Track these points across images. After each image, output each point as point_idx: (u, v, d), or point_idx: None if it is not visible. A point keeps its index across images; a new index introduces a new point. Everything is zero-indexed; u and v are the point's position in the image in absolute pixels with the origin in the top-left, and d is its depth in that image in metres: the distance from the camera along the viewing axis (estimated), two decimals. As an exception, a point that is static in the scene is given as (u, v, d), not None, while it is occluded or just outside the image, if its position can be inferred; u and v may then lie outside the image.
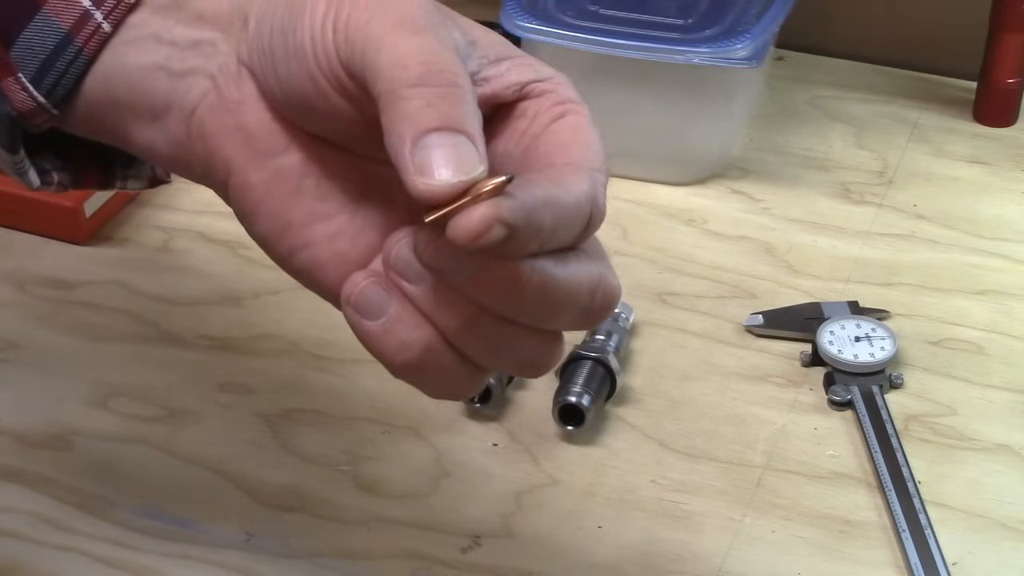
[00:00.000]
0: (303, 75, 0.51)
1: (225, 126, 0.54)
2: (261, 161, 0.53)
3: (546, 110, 0.52)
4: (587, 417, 0.76)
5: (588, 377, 0.77)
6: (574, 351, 0.78)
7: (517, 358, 0.52)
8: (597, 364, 0.77)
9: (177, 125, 0.55)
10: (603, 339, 0.79)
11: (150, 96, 0.54)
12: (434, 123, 0.47)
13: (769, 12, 0.93)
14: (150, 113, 0.55)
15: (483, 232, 0.46)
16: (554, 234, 0.48)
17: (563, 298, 0.50)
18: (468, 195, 0.46)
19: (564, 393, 0.76)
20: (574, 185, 0.49)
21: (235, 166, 0.54)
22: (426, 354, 0.51)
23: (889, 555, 0.71)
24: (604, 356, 0.77)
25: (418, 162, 0.47)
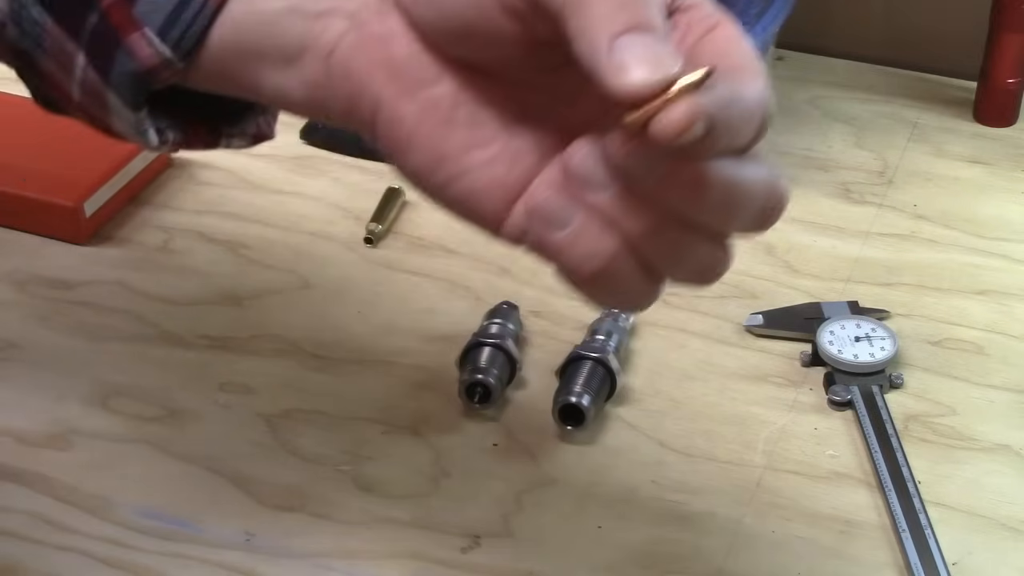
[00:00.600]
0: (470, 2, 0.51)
1: (371, 62, 0.53)
2: (412, 93, 0.53)
3: (698, 21, 0.51)
4: (587, 417, 0.76)
5: (588, 377, 0.77)
6: (574, 351, 0.78)
7: (696, 264, 0.51)
8: (597, 364, 0.77)
9: (314, 67, 0.54)
10: (603, 339, 0.79)
11: (283, 40, 0.54)
12: (627, 23, 0.47)
13: (769, 12, 0.93)
14: (283, 58, 0.54)
15: (687, 128, 0.45)
16: (739, 132, 0.48)
17: (745, 199, 0.50)
18: (668, 92, 0.46)
19: (564, 393, 0.76)
20: (752, 85, 0.49)
21: (384, 101, 0.53)
22: (612, 263, 0.50)
23: (889, 555, 0.71)
24: (604, 356, 0.77)
25: (616, 63, 0.46)
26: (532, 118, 0.53)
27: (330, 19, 0.53)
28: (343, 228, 0.92)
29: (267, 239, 0.91)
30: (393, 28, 0.53)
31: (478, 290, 0.87)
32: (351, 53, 0.53)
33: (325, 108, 0.55)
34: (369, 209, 0.93)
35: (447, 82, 0.53)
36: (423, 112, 0.53)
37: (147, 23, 0.54)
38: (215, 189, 0.96)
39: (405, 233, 0.92)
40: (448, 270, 0.89)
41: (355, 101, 0.54)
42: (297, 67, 0.54)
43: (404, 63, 0.53)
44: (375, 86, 0.53)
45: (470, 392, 0.78)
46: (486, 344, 0.78)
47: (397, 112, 0.53)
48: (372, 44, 0.53)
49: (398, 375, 0.81)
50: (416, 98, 0.53)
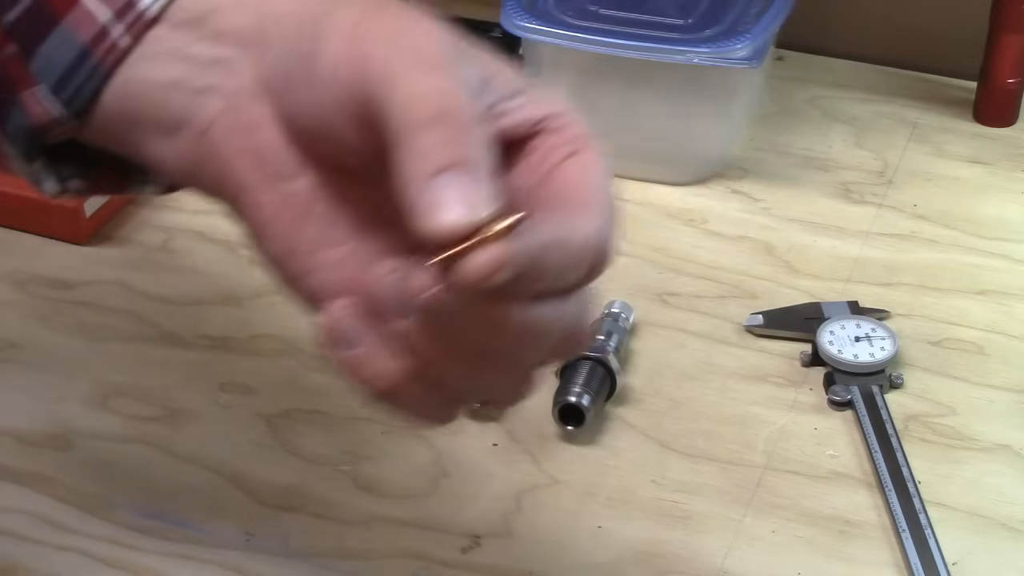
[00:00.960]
0: (321, 104, 0.51)
1: (239, 147, 0.53)
2: (272, 184, 0.53)
3: (558, 147, 0.51)
4: (587, 417, 0.76)
5: (588, 377, 0.77)
6: None
7: (493, 391, 0.52)
8: (597, 364, 0.77)
9: (190, 142, 0.55)
10: (603, 339, 0.79)
11: (166, 112, 0.54)
12: (445, 162, 0.46)
13: (769, 12, 0.93)
14: (165, 128, 0.55)
15: (492, 274, 0.45)
16: (560, 277, 0.48)
17: (541, 340, 0.50)
18: (477, 235, 0.45)
19: (564, 393, 0.76)
20: (582, 228, 0.49)
21: (246, 187, 0.54)
22: (401, 385, 0.51)
23: (889, 555, 0.71)
24: (604, 356, 0.77)
25: (428, 201, 0.46)
26: (389, 222, 0.52)
27: (209, 97, 0.54)
28: (343, 228, 0.92)
29: (267, 239, 0.91)
30: (262, 117, 0.53)
31: (478, 290, 0.87)
32: (222, 135, 0.54)
33: (199, 182, 0.55)
34: (369, 209, 0.92)
35: (307, 178, 0.53)
36: (282, 204, 0.53)
37: (41, 79, 0.54)
38: (215, 189, 0.96)
39: (405, 233, 0.92)
40: (448, 270, 0.89)
41: (222, 182, 0.54)
42: (176, 139, 0.55)
43: (268, 153, 0.53)
44: (239, 171, 0.53)
45: (470, 392, 0.78)
46: (486, 344, 0.78)
47: (258, 200, 0.53)
48: (241, 129, 0.53)
49: (398, 375, 0.81)
50: (275, 189, 0.53)
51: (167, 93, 0.54)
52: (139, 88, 0.54)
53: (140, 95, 0.55)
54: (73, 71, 0.54)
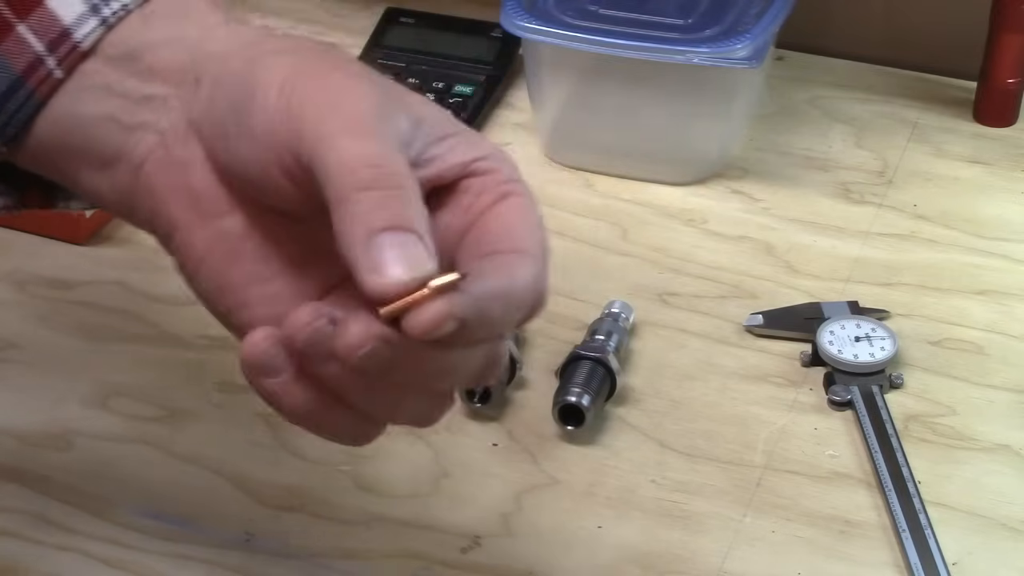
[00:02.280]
0: (252, 155, 0.52)
1: (171, 184, 0.55)
2: (204, 221, 0.54)
3: (490, 189, 0.53)
4: (587, 417, 0.76)
5: (588, 377, 0.77)
6: (574, 351, 0.78)
7: (412, 415, 0.54)
8: (597, 364, 0.77)
9: (124, 176, 0.55)
10: (603, 339, 0.79)
11: (100, 145, 0.55)
12: (384, 224, 0.49)
13: (769, 12, 0.93)
14: (99, 161, 0.55)
15: (437, 327, 0.48)
16: (500, 325, 0.51)
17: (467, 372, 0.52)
18: (421, 290, 0.48)
19: (564, 393, 0.76)
20: (522, 277, 0.51)
21: (179, 223, 0.55)
22: (318, 412, 0.52)
23: (889, 555, 0.71)
24: (604, 356, 0.77)
25: (371, 261, 0.48)
26: (320, 258, 0.54)
27: (143, 133, 0.55)
28: (343, 228, 0.92)
29: (267, 239, 0.91)
30: (194, 156, 0.54)
31: (478, 290, 0.87)
32: (155, 171, 0.55)
33: (133, 215, 0.57)
34: (369, 209, 0.92)
35: (238, 216, 0.54)
36: (213, 241, 0.54)
37: None
38: (215, 189, 0.96)
39: (405, 233, 0.92)
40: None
41: (155, 217, 0.55)
42: (110, 172, 0.56)
43: (200, 192, 0.54)
44: (172, 208, 0.55)
45: (470, 392, 0.78)
46: (486, 344, 0.78)
47: (190, 237, 0.55)
48: (174, 167, 0.54)
49: (398, 375, 0.81)
50: (208, 226, 0.54)
51: (100, 127, 0.55)
52: (72, 121, 0.55)
53: (73, 128, 0.55)
54: (6, 99, 0.55)
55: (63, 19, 0.55)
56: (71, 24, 0.55)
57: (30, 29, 0.55)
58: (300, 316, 0.51)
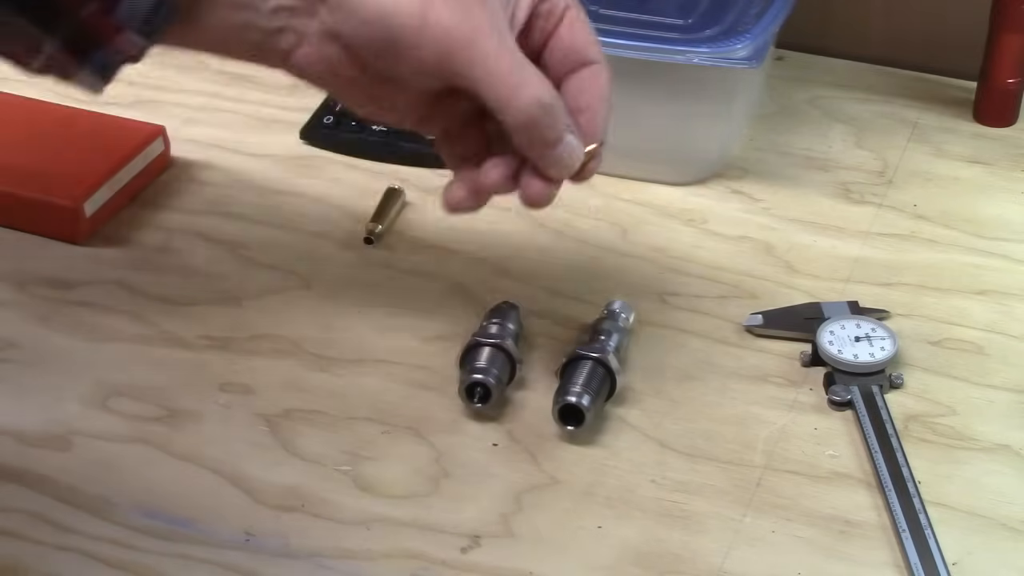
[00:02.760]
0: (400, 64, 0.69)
1: (322, 71, 0.71)
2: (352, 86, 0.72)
3: (556, 12, 0.73)
4: (587, 417, 0.76)
5: (588, 377, 0.77)
6: (574, 351, 0.78)
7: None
8: (597, 364, 0.77)
9: (275, 61, 0.71)
10: (603, 339, 0.79)
11: (246, 44, 0.70)
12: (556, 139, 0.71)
13: (769, 12, 0.93)
14: (249, 53, 0.71)
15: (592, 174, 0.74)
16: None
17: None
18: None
19: (564, 393, 0.76)
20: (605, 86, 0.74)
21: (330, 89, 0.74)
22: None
23: (889, 555, 0.71)
24: (604, 356, 0.77)
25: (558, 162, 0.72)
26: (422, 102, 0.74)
27: (282, 34, 0.70)
28: (343, 228, 0.92)
29: (267, 239, 0.91)
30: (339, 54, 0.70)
31: (478, 290, 0.87)
32: (305, 62, 0.71)
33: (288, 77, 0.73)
34: (369, 209, 0.93)
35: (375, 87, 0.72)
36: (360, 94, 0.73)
37: (128, 26, 0.67)
38: (215, 189, 0.96)
39: (405, 233, 0.92)
40: (448, 270, 0.89)
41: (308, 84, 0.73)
42: (259, 59, 0.71)
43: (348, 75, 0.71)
44: (324, 83, 0.73)
45: (470, 392, 0.78)
46: (486, 344, 0.78)
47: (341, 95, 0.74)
48: (323, 60, 0.70)
49: (398, 375, 0.81)
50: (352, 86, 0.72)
51: (243, 32, 0.69)
52: (218, 27, 0.69)
53: (220, 31, 0.69)
54: (153, 15, 0.67)
55: None
56: None
57: None
58: (491, 175, 0.73)
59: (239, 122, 1.02)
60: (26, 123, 0.97)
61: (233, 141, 1.00)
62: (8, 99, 0.96)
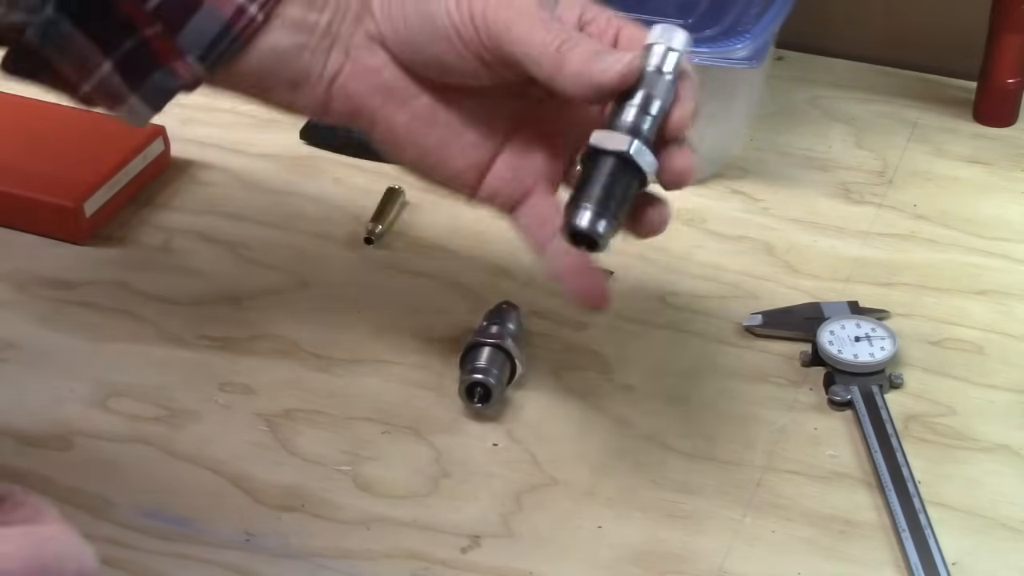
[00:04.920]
0: (441, 46, 0.67)
1: (368, 87, 0.69)
2: (401, 106, 0.70)
3: (607, 28, 0.68)
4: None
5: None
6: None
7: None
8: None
9: (318, 90, 0.69)
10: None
11: (295, 70, 0.69)
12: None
13: (769, 12, 0.93)
14: (294, 83, 0.69)
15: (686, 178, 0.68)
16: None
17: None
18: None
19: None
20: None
21: (380, 115, 0.70)
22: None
23: (889, 555, 0.71)
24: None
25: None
26: (491, 116, 0.71)
27: (331, 54, 0.69)
28: (343, 228, 0.92)
29: (267, 239, 0.91)
30: (382, 60, 0.69)
31: (478, 290, 0.87)
32: (351, 81, 0.69)
33: (327, 117, 0.71)
34: (369, 209, 0.93)
35: (426, 96, 0.70)
36: (411, 119, 0.70)
37: (189, 51, 0.67)
38: (215, 189, 0.96)
39: (405, 233, 0.92)
40: (448, 270, 0.89)
41: (355, 114, 0.70)
42: (303, 90, 0.69)
43: (393, 85, 0.69)
44: (372, 105, 0.70)
45: (470, 392, 0.78)
46: (486, 344, 0.78)
47: (392, 121, 0.70)
48: (367, 73, 0.69)
49: (398, 375, 0.81)
50: (405, 110, 0.70)
51: (296, 56, 0.69)
52: (272, 54, 0.68)
53: (273, 59, 0.68)
54: (217, 42, 0.67)
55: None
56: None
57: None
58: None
59: (239, 122, 1.02)
60: (26, 123, 0.97)
61: (233, 141, 1.00)
62: (8, 99, 0.96)
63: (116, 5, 0.67)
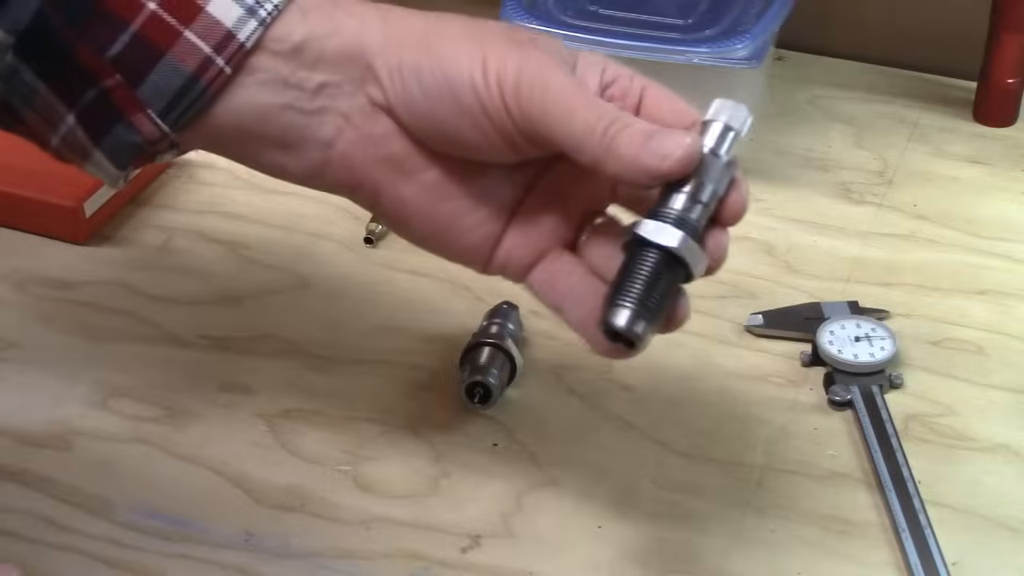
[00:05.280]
0: (463, 122, 0.62)
1: (372, 156, 0.64)
2: (409, 178, 0.64)
3: (631, 88, 0.64)
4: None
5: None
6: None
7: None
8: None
9: (313, 154, 0.64)
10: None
11: (282, 130, 0.63)
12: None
13: (769, 12, 0.93)
14: (282, 143, 0.64)
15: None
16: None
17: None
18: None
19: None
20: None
21: (384, 187, 0.65)
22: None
23: (889, 555, 0.71)
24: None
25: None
26: (500, 187, 0.66)
27: (325, 116, 0.64)
28: (343, 228, 0.92)
29: (267, 239, 0.91)
30: (388, 129, 0.64)
31: (478, 290, 0.87)
32: (352, 148, 0.64)
33: (324, 184, 0.66)
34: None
35: (436, 168, 0.64)
36: (420, 192, 0.65)
37: (150, 104, 0.63)
38: (215, 189, 0.96)
39: (405, 233, 0.92)
40: (448, 270, 0.88)
41: (357, 186, 0.65)
42: (296, 152, 0.64)
43: (401, 157, 0.64)
44: (376, 176, 0.64)
45: (470, 392, 0.78)
46: (486, 344, 0.78)
47: (398, 195, 0.65)
48: (370, 142, 0.64)
49: (398, 375, 0.81)
50: (413, 182, 0.65)
51: (283, 115, 0.63)
52: (251, 110, 0.63)
53: (255, 115, 0.63)
54: (180, 96, 0.62)
55: (225, 22, 0.62)
56: (233, 26, 0.62)
57: (196, 34, 0.62)
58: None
59: (239, 122, 1.02)
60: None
61: (233, 141, 1.00)
62: (8, 99, 0.96)
63: (74, 54, 0.62)
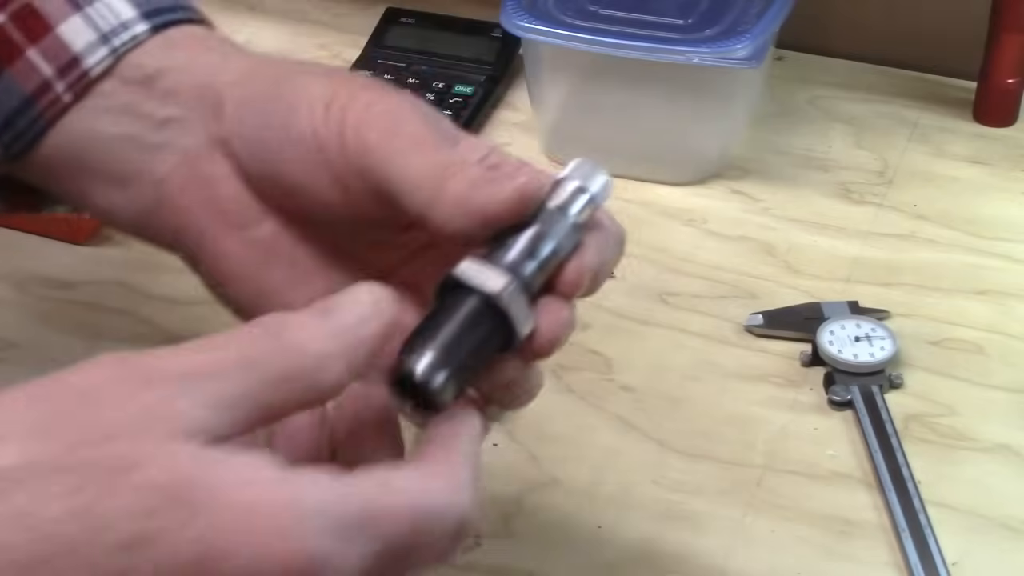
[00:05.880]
0: (302, 166, 0.54)
1: (198, 199, 0.57)
2: (235, 231, 0.57)
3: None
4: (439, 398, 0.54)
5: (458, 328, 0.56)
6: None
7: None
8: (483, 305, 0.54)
9: (144, 191, 0.58)
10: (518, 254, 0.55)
11: (118, 163, 0.57)
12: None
13: (769, 12, 0.93)
14: (116, 178, 0.58)
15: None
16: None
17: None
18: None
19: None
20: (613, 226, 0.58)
21: (208, 236, 0.57)
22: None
23: (889, 555, 0.71)
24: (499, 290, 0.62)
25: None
26: (348, 257, 0.57)
27: (165, 152, 0.57)
28: (343, 228, 0.92)
29: (267, 239, 0.91)
30: (221, 171, 0.56)
31: (478, 290, 0.86)
32: (179, 188, 0.57)
33: (151, 231, 0.59)
34: (369, 209, 0.92)
35: (269, 224, 0.56)
36: (245, 249, 0.57)
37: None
38: (215, 189, 0.96)
39: (405, 233, 0.92)
40: (448, 270, 0.89)
41: (180, 232, 0.58)
42: (128, 190, 0.58)
43: (229, 204, 0.56)
44: (200, 221, 0.57)
45: (470, 392, 0.76)
46: (486, 344, 0.77)
47: (220, 248, 0.57)
48: (200, 183, 0.57)
49: (398, 375, 0.81)
50: (239, 236, 0.57)
51: (119, 145, 0.57)
52: (89, 139, 0.57)
53: (90, 145, 0.57)
54: (15, 118, 0.57)
55: (72, 46, 0.57)
56: (80, 51, 0.57)
57: (40, 54, 0.57)
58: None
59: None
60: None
61: (233, 141, 1.00)
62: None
63: None
